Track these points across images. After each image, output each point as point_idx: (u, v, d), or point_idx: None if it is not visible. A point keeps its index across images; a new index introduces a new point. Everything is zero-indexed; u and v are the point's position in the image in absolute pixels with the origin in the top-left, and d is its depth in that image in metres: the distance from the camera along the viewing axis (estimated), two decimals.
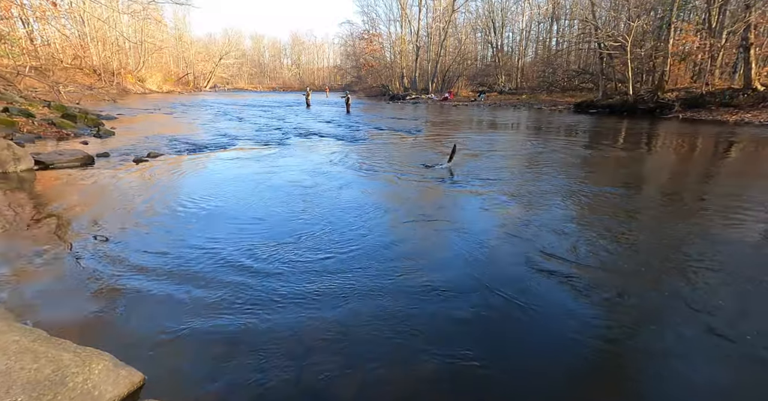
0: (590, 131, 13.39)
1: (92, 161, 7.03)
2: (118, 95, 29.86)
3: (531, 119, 18.46)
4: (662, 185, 6.24)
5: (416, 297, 2.68)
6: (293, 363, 2.04)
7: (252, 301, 2.60)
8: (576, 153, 8.75)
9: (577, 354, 2.15)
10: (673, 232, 3.88)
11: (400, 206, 4.74)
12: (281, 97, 42.03)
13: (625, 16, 23.22)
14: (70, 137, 9.91)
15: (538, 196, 5.17)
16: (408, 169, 6.88)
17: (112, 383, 1.78)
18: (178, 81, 52.35)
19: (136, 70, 41.57)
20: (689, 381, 1.96)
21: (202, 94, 44.26)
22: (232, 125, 14.06)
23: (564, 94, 29.81)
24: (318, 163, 7.40)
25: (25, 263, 3.10)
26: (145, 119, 15.67)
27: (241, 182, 5.88)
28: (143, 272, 2.98)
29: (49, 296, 2.63)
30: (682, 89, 20.39)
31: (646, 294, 2.75)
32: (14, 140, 8.09)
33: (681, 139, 11.04)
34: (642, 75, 23.44)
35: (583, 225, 4.12)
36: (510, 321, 2.44)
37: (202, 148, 8.88)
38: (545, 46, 38.71)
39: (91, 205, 4.61)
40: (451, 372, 2.00)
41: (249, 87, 71.20)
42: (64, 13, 30.42)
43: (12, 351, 1.80)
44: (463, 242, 3.61)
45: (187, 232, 3.80)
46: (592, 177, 6.42)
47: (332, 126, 14.37)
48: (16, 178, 5.82)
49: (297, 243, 3.56)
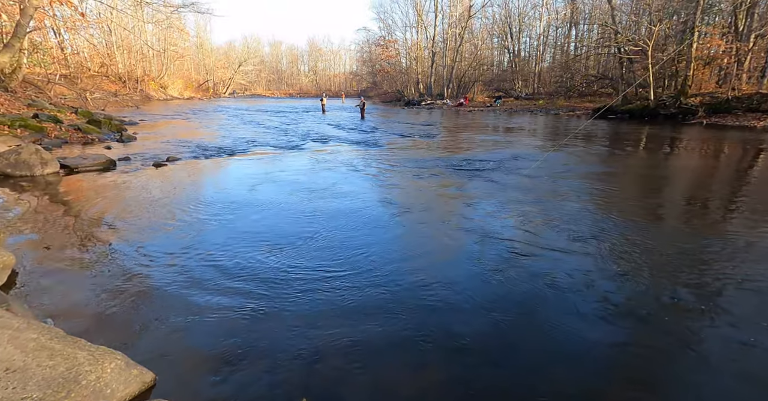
0: (611, 136, 13.10)
1: (114, 164, 7.25)
2: (141, 101, 30.86)
3: (548, 124, 18.20)
4: (691, 194, 6.03)
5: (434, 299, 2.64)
6: (303, 365, 2.04)
7: (265, 304, 2.61)
8: (599, 160, 8.56)
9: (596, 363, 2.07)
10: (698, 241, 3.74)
11: (417, 211, 4.71)
12: (298, 103, 42.66)
13: (646, 21, 22.78)
14: (94, 142, 10.26)
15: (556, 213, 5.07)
16: (423, 171, 6.85)
17: (123, 382, 1.81)
18: (198, 87, 53.74)
19: (159, 77, 42.89)
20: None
21: (221, 101, 45.32)
22: (249, 130, 14.32)
23: (582, 99, 29.33)
24: (333, 168, 7.45)
25: (47, 262, 3.20)
26: (166, 125, 16.12)
27: (258, 185, 5.96)
28: (159, 273, 3.03)
29: (68, 295, 2.70)
30: (707, 94, 19.81)
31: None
32: (42, 144, 8.42)
33: (707, 145, 10.68)
34: (664, 80, 22.89)
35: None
36: (531, 324, 2.38)
37: (220, 153, 9.06)
38: (563, 51, 38.26)
39: (110, 207, 4.74)
40: (462, 377, 1.95)
41: (267, 93, 72.53)
42: (93, 23, 31.72)
43: (30, 348, 1.85)
44: (480, 245, 3.56)
45: (204, 234, 3.87)
46: (618, 193, 6.26)
47: (347, 131, 14.48)
48: (43, 181, 6.04)
49: (311, 246, 3.57)
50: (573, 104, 27.91)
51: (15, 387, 1.63)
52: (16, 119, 10.14)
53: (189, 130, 14.35)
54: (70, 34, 29.10)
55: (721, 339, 2.27)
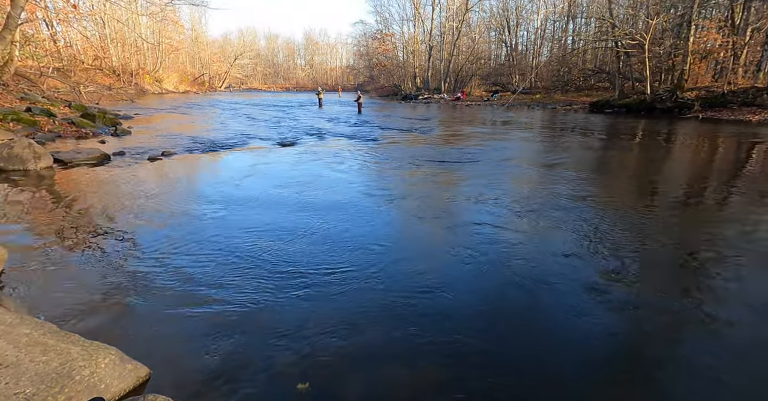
0: (607, 130, 13.12)
1: (108, 159, 7.19)
2: (136, 95, 30.53)
3: (545, 118, 18.19)
4: (690, 187, 6.07)
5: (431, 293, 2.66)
6: (300, 360, 2.04)
7: (261, 299, 2.61)
8: (594, 154, 8.58)
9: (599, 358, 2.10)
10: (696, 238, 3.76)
11: (411, 203, 4.71)
12: (294, 97, 42.37)
13: (643, 14, 22.69)
14: (88, 136, 10.16)
15: (553, 204, 5.08)
16: (420, 166, 6.84)
17: (118, 377, 1.81)
18: (193, 81, 53.22)
19: (154, 71, 42.41)
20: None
21: (217, 94, 44.92)
22: (245, 125, 14.22)
23: (579, 93, 29.31)
24: (329, 161, 7.42)
25: (39, 256, 3.18)
26: (161, 119, 15.97)
27: (252, 180, 5.93)
28: (154, 267, 3.02)
29: (61, 290, 2.69)
30: (703, 88, 19.84)
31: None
32: (35, 139, 8.33)
33: (703, 139, 10.72)
34: (660, 74, 22.88)
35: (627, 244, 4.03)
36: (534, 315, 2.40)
37: (215, 147, 9.00)
38: (560, 45, 38.10)
39: (104, 202, 4.70)
40: (460, 373, 1.97)
41: (263, 87, 71.98)
42: (86, 15, 31.27)
43: (23, 343, 1.84)
44: (476, 237, 3.57)
45: (198, 228, 3.85)
46: (615, 183, 6.28)
47: (344, 126, 14.42)
48: (36, 175, 5.99)
49: (306, 239, 3.56)
50: (570, 98, 27.89)
51: (8, 382, 1.63)
52: (9, 112, 10.02)
53: (184, 124, 14.23)
54: (62, 27, 28.66)
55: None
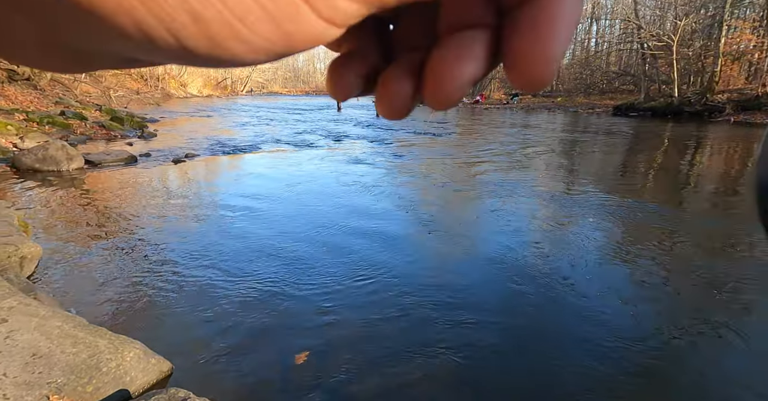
0: (632, 134, 12.76)
1: (135, 160, 7.45)
2: (162, 99, 31.55)
3: (566, 122, 17.84)
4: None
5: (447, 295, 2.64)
6: (316, 360, 2.06)
7: (282, 297, 2.65)
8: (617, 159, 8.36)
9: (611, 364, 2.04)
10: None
11: (431, 211, 4.70)
12: (314, 100, 42.86)
13: (671, 15, 22.05)
14: (117, 138, 10.56)
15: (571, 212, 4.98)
16: (439, 172, 6.82)
17: (142, 370, 1.87)
18: (217, 85, 54.62)
19: (179, 76, 43.78)
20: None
21: (239, 98, 45.94)
22: (266, 128, 14.49)
23: (602, 96, 28.67)
24: (348, 165, 7.48)
25: (71, 253, 3.32)
26: (185, 122, 16.45)
27: (273, 182, 6.04)
28: (178, 266, 3.11)
29: (91, 286, 2.80)
30: (735, 91, 19.09)
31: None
32: (68, 141, 8.71)
33: (735, 144, 10.30)
34: (689, 76, 22.14)
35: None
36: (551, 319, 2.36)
37: (237, 149, 9.20)
38: (583, 47, 37.41)
39: (132, 201, 4.88)
40: (474, 376, 1.95)
41: (283, 91, 73.19)
42: None
43: (55, 335, 1.93)
44: (492, 243, 3.53)
45: (222, 228, 3.95)
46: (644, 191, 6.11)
47: (362, 129, 14.50)
48: (68, 175, 6.26)
49: (326, 242, 3.60)
50: (593, 101, 27.30)
51: (41, 371, 1.71)
52: (45, 116, 10.53)
53: (207, 127, 14.62)
54: None
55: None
